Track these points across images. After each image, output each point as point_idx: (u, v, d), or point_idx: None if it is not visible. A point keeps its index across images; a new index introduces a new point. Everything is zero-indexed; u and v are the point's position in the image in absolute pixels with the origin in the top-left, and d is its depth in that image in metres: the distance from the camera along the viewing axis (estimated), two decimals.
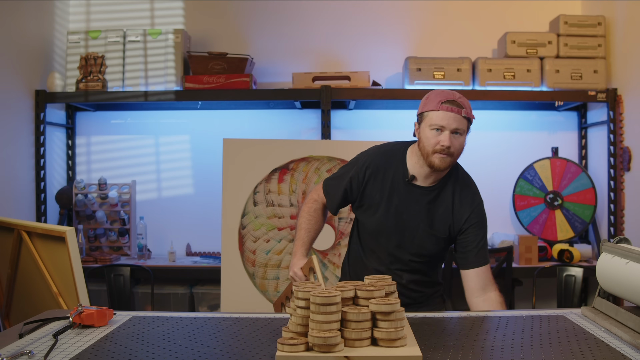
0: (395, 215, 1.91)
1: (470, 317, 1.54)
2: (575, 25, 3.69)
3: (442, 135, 1.81)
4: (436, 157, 1.83)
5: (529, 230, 3.82)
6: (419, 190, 1.91)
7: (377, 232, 1.96)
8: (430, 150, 1.83)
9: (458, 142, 1.85)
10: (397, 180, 1.93)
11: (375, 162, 1.96)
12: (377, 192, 1.94)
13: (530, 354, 1.23)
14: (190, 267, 3.58)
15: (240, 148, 3.37)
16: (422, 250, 1.94)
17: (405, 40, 4.05)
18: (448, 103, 1.83)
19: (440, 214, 1.91)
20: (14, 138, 3.53)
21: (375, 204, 1.94)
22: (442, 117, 1.82)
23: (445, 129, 1.82)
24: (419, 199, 1.91)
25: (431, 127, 1.83)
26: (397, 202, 1.91)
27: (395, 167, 1.94)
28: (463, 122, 1.85)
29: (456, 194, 1.93)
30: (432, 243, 1.93)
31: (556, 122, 4.06)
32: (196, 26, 4.05)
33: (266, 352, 1.25)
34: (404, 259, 1.95)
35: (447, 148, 1.81)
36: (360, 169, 1.97)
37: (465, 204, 1.92)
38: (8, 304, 2.52)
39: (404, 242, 1.93)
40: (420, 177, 1.91)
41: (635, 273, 1.36)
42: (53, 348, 1.26)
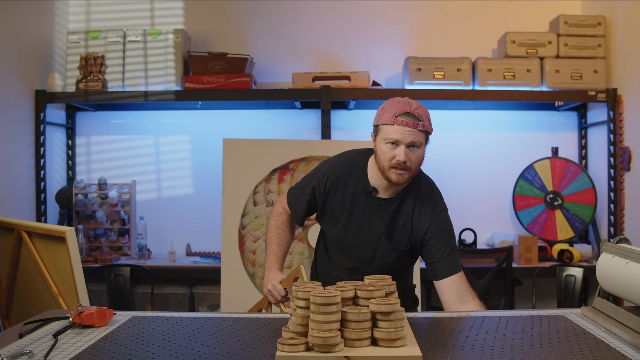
0: (357, 227, 1.88)
1: (470, 317, 1.54)
2: (575, 25, 3.69)
3: (397, 149, 1.73)
4: (392, 172, 1.76)
5: (529, 230, 3.82)
6: (379, 203, 1.86)
7: (339, 243, 1.93)
8: (387, 165, 1.76)
9: (415, 156, 1.75)
10: (357, 191, 1.88)
11: (336, 173, 1.90)
12: (338, 203, 1.89)
13: (530, 354, 1.23)
14: (190, 267, 3.58)
15: (240, 148, 3.37)
16: (383, 263, 1.89)
17: (405, 40, 4.05)
18: (403, 116, 1.73)
19: (400, 226, 1.86)
20: (14, 138, 3.53)
21: (337, 215, 1.90)
22: (397, 131, 1.72)
23: (400, 143, 1.73)
24: (380, 211, 1.86)
25: (386, 140, 1.75)
26: (358, 214, 1.87)
27: (356, 179, 1.89)
28: (420, 135, 1.74)
29: (417, 205, 1.85)
30: (394, 257, 1.88)
31: (556, 122, 4.06)
32: (196, 26, 4.05)
33: (266, 352, 1.25)
34: (367, 271, 1.88)
35: (402, 163, 1.73)
36: (322, 180, 1.92)
37: (425, 214, 1.84)
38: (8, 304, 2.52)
39: (365, 255, 1.90)
40: (381, 188, 1.85)
41: (635, 273, 1.36)
42: (53, 348, 1.26)
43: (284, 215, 2.04)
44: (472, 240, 3.74)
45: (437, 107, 3.95)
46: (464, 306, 1.75)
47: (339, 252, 1.95)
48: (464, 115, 4.02)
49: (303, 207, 1.97)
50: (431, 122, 1.79)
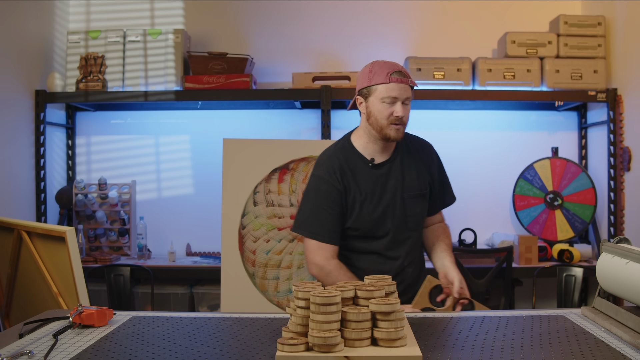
0: (380, 199, 1.92)
1: (470, 317, 1.54)
2: (575, 25, 3.69)
3: (396, 106, 1.85)
4: (391, 128, 1.86)
5: (529, 230, 3.82)
6: (385, 167, 1.95)
7: (372, 225, 1.92)
8: (385, 123, 1.86)
9: (408, 111, 1.89)
10: (360, 168, 1.94)
11: (338, 165, 1.92)
12: (356, 188, 1.92)
13: (530, 354, 1.23)
14: (190, 267, 3.58)
15: (240, 148, 3.37)
16: (416, 218, 1.97)
17: (405, 40, 4.05)
18: (397, 74, 1.85)
19: (415, 175, 1.96)
20: (14, 138, 3.53)
21: (360, 201, 1.92)
22: (394, 88, 1.84)
23: (397, 99, 1.84)
24: (389, 173, 1.94)
25: (382, 99, 1.85)
26: (374, 187, 1.93)
27: (353, 159, 1.95)
28: (410, 91, 1.89)
29: (417, 150, 2.02)
30: (420, 204, 1.98)
31: (556, 122, 4.06)
32: (196, 26, 4.05)
33: (266, 352, 1.25)
34: (403, 237, 1.95)
35: (400, 118, 1.85)
36: (332, 177, 1.90)
37: (428, 153, 2.04)
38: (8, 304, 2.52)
39: (400, 222, 1.94)
40: (376, 155, 1.95)
41: (635, 273, 1.36)
42: (53, 348, 1.26)
43: (329, 259, 1.87)
44: (472, 240, 3.74)
45: (437, 107, 3.95)
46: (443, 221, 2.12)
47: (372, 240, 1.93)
48: (464, 115, 4.02)
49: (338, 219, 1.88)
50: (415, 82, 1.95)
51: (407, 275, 1.98)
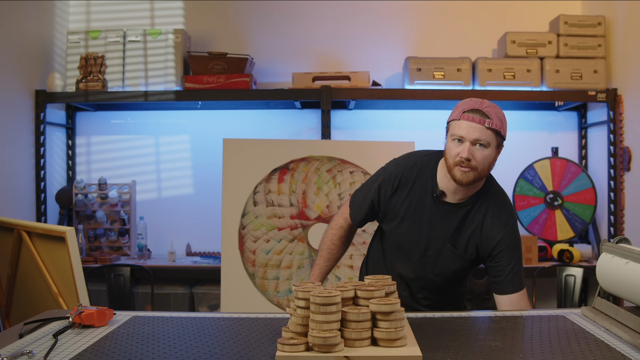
0: (420, 230, 1.83)
1: (470, 317, 1.54)
2: (575, 25, 3.69)
3: (462, 146, 1.70)
4: (457, 170, 1.72)
5: (529, 230, 3.82)
6: (447, 207, 1.81)
7: (399, 245, 1.89)
8: (452, 163, 1.73)
9: (481, 155, 1.70)
10: (425, 193, 1.83)
11: (405, 174, 1.87)
12: (402, 204, 1.85)
13: (530, 354, 1.23)
14: (190, 267, 3.58)
15: (240, 148, 3.37)
16: (445, 270, 1.85)
17: (405, 40, 4.05)
18: (471, 112, 1.71)
19: (468, 234, 1.80)
20: (14, 138, 3.53)
21: (400, 217, 1.86)
22: (462, 127, 1.70)
23: (465, 139, 1.70)
24: (447, 216, 1.80)
25: (452, 137, 1.74)
26: (423, 217, 1.82)
27: (424, 181, 1.84)
28: (487, 133, 1.70)
29: (488, 213, 1.80)
30: (457, 264, 1.83)
31: (556, 122, 4.06)
32: (196, 26, 4.05)
33: (266, 352, 1.25)
34: (426, 276, 1.88)
35: (466, 160, 1.69)
36: (389, 179, 1.88)
37: (497, 225, 1.79)
38: (8, 304, 2.52)
39: (427, 261, 1.85)
40: (449, 192, 1.80)
41: (635, 273, 1.36)
42: (53, 348, 1.26)
43: (342, 229, 2.01)
44: None
45: (437, 107, 3.95)
46: None
47: (398, 254, 1.92)
48: None
49: (365, 208, 1.93)
50: (505, 126, 1.75)
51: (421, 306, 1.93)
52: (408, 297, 1.94)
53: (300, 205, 3.30)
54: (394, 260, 1.94)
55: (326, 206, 3.29)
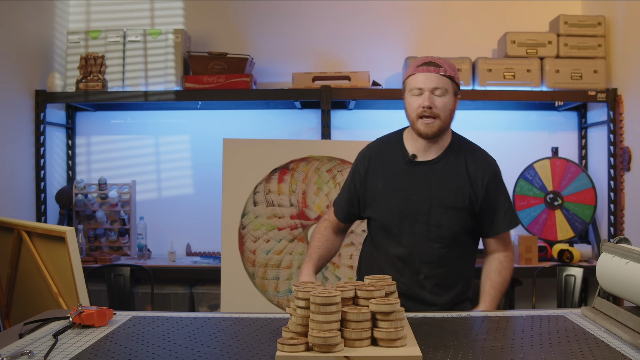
0: (404, 197, 1.82)
1: (470, 317, 1.54)
2: (575, 25, 3.69)
3: (422, 97, 1.76)
4: (420, 123, 1.77)
5: (529, 230, 3.82)
6: (423, 167, 1.83)
7: (389, 222, 1.85)
8: (415, 116, 1.78)
9: (441, 102, 1.76)
10: (397, 162, 1.86)
11: (373, 150, 1.93)
12: (380, 179, 1.87)
13: (530, 354, 1.23)
14: (190, 267, 3.58)
15: (240, 148, 3.37)
16: (441, 231, 1.80)
17: (405, 40, 4.05)
18: (424, 65, 1.78)
19: (454, 185, 1.82)
20: (14, 138, 3.53)
21: (380, 192, 1.86)
22: (419, 79, 1.77)
23: (423, 90, 1.76)
24: (426, 175, 1.82)
25: (411, 92, 1.79)
26: (403, 184, 1.83)
27: (393, 151, 1.89)
28: (443, 80, 1.77)
29: (469, 161, 1.85)
30: (451, 218, 1.80)
31: (556, 122, 4.06)
32: (196, 26, 4.05)
33: (266, 352, 1.25)
34: (423, 246, 1.82)
35: (428, 108, 1.74)
36: (360, 162, 1.94)
37: (482, 167, 1.85)
38: (8, 304, 2.52)
39: (420, 228, 1.81)
40: (420, 152, 1.84)
41: (635, 273, 1.36)
42: (53, 348, 1.26)
43: (328, 222, 2.02)
44: None
45: None
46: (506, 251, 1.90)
47: (389, 236, 1.87)
48: (464, 115, 4.02)
49: (344, 198, 1.96)
50: (457, 74, 1.82)
51: (425, 292, 1.84)
52: (409, 282, 1.84)
53: (300, 205, 3.30)
54: (386, 245, 1.88)
55: (326, 206, 3.29)
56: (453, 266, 1.86)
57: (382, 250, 1.91)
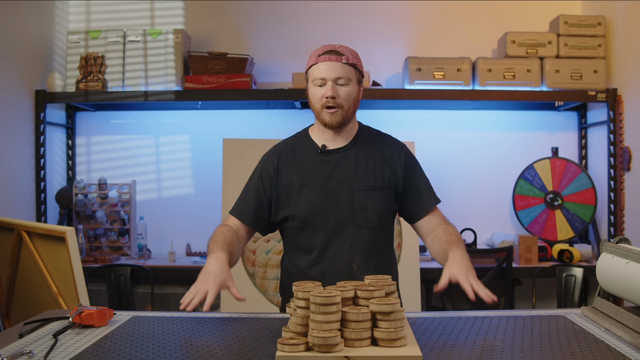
0: (323, 188, 1.75)
1: (470, 317, 1.54)
2: (575, 25, 3.69)
3: (325, 87, 1.72)
4: (325, 113, 1.73)
5: (529, 230, 3.82)
6: (335, 154, 1.79)
7: (311, 215, 1.74)
8: (319, 107, 1.74)
9: (344, 92, 1.73)
10: (308, 155, 1.81)
11: (280, 149, 1.87)
12: (293, 174, 1.79)
13: (530, 354, 1.23)
14: (190, 267, 3.58)
15: (240, 148, 3.37)
16: (366, 213, 1.74)
17: (405, 40, 4.05)
18: (326, 54, 1.76)
19: (371, 167, 1.78)
20: (14, 138, 3.53)
21: (296, 188, 1.77)
22: (322, 69, 1.73)
23: (326, 80, 1.72)
24: (340, 161, 1.78)
25: (314, 82, 1.75)
26: (319, 174, 1.77)
27: (301, 145, 1.84)
28: (346, 69, 1.74)
29: (380, 144, 1.83)
30: (374, 199, 1.75)
31: (556, 122, 4.06)
32: (196, 26, 4.05)
33: (266, 352, 1.25)
34: (348, 233, 1.73)
35: (331, 98, 1.71)
36: (268, 162, 1.85)
37: (395, 147, 1.83)
38: (8, 304, 2.52)
39: (344, 214, 1.74)
40: (329, 142, 1.80)
41: (635, 273, 1.36)
42: (53, 348, 1.26)
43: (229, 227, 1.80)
44: (472, 240, 3.74)
45: (437, 107, 3.95)
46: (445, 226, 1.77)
47: (314, 231, 1.75)
48: (464, 115, 4.02)
49: (252, 200, 1.80)
50: (360, 61, 1.80)
51: (357, 279, 1.69)
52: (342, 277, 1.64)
53: None
54: (311, 243, 1.76)
55: None
56: (383, 254, 1.81)
57: (302, 250, 1.79)
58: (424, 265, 3.45)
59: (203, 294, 1.48)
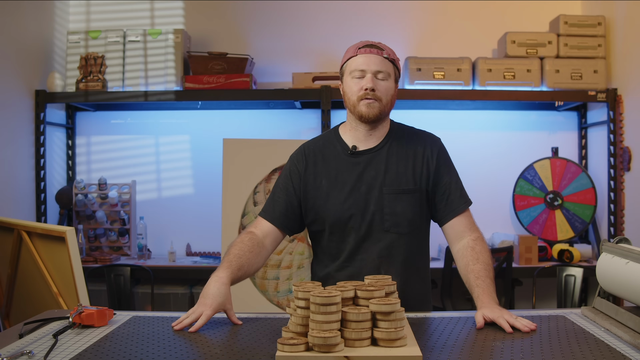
0: (352, 191, 1.70)
1: (470, 317, 1.54)
2: (575, 25, 3.69)
3: (364, 79, 1.68)
4: (362, 104, 1.67)
5: (529, 230, 3.82)
6: (365, 155, 1.73)
7: (340, 219, 1.70)
8: (356, 99, 1.68)
9: (384, 86, 1.69)
10: (338, 156, 1.75)
11: (309, 148, 1.80)
12: (321, 174, 1.74)
13: (530, 354, 1.23)
14: (190, 267, 3.58)
15: (240, 148, 3.37)
16: (396, 218, 1.68)
17: (405, 40, 4.05)
18: (366, 47, 1.73)
19: (402, 168, 1.72)
20: (14, 138, 3.53)
21: (325, 190, 1.72)
22: (362, 60, 1.70)
23: (366, 72, 1.69)
24: (370, 163, 1.72)
25: (352, 74, 1.70)
26: (348, 177, 1.71)
27: (331, 146, 1.77)
28: (386, 64, 1.71)
29: (413, 140, 1.76)
30: (403, 203, 1.69)
31: (556, 122, 4.06)
32: (196, 26, 4.05)
33: (266, 352, 1.25)
34: (376, 238, 1.69)
35: (371, 91, 1.66)
36: (297, 161, 1.79)
37: (428, 142, 1.77)
38: (8, 304, 2.52)
39: (374, 218, 1.69)
40: (361, 142, 1.74)
41: (635, 273, 1.36)
42: (53, 348, 1.26)
43: (253, 233, 1.72)
44: None
45: (437, 107, 3.95)
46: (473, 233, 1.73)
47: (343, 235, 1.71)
48: (464, 115, 4.02)
49: (281, 200, 1.74)
50: (398, 59, 1.78)
51: None
52: None
53: None
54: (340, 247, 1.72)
55: None
56: (414, 260, 1.74)
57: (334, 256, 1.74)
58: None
59: (196, 316, 1.45)
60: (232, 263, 1.59)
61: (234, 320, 1.50)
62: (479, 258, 1.65)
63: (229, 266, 1.58)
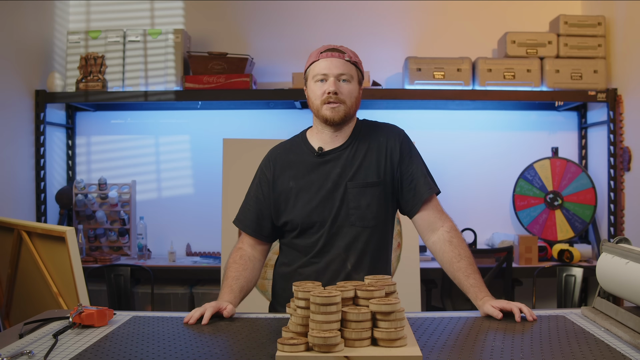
0: (318, 190, 1.73)
1: (470, 317, 1.54)
2: (575, 25, 3.69)
3: (327, 83, 1.70)
4: (326, 108, 1.70)
5: (529, 230, 3.82)
6: (331, 155, 1.76)
7: (308, 219, 1.73)
8: (319, 103, 1.71)
9: (347, 89, 1.71)
10: (305, 159, 1.78)
11: (276, 154, 1.85)
12: (290, 178, 1.77)
13: (530, 354, 1.23)
14: (190, 267, 3.58)
15: (240, 148, 3.37)
16: (361, 211, 1.71)
17: (405, 40, 4.05)
18: (328, 51, 1.75)
19: (366, 163, 1.74)
20: (14, 138, 3.53)
21: (294, 193, 1.75)
22: (324, 65, 1.72)
23: (328, 76, 1.70)
24: (337, 162, 1.75)
25: (315, 78, 1.72)
26: (315, 177, 1.75)
27: (298, 149, 1.81)
28: (348, 66, 1.73)
29: (377, 133, 1.79)
30: (369, 196, 1.72)
31: (556, 122, 4.06)
32: (196, 26, 4.05)
33: (266, 352, 1.25)
34: (342, 233, 1.72)
35: (334, 94, 1.68)
36: (265, 168, 1.84)
37: (391, 133, 1.79)
38: (8, 304, 2.52)
39: (338, 212, 1.72)
40: (326, 143, 1.77)
41: (635, 273, 1.36)
42: (53, 348, 1.26)
43: (243, 249, 1.80)
44: (472, 240, 3.74)
45: (437, 107, 3.95)
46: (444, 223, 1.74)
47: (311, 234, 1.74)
48: (464, 115, 4.02)
49: (252, 209, 1.80)
50: (361, 61, 1.80)
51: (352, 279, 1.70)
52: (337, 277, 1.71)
53: None
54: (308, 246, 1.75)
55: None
56: (378, 253, 1.76)
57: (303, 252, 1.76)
58: (424, 265, 3.45)
59: (202, 310, 1.54)
60: (233, 287, 1.68)
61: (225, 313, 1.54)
62: (460, 253, 1.69)
63: (230, 291, 1.67)
